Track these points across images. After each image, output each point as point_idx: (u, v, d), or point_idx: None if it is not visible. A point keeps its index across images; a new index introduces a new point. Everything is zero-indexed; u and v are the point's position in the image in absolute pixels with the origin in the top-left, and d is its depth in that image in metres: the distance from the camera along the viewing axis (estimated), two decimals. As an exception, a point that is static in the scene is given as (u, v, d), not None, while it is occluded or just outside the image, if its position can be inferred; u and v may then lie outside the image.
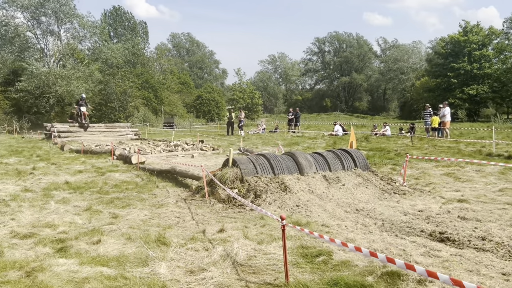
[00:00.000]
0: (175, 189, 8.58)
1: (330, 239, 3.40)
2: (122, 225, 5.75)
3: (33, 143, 20.89)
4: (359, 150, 9.69)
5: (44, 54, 41.58)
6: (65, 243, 4.93)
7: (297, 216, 6.07)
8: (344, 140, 19.23)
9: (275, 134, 27.61)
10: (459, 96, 48.07)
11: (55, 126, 23.27)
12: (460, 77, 49.56)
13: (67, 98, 38.64)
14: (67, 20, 40.59)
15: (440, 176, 9.48)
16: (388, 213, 6.27)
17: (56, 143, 19.82)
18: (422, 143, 17.33)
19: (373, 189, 7.81)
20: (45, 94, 37.74)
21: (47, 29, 41.37)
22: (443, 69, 51.65)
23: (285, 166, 7.90)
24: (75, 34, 42.63)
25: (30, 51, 40.30)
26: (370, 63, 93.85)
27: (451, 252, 4.49)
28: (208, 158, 14.23)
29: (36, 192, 8.26)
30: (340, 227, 5.52)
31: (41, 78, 36.71)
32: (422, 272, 2.62)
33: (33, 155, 15.09)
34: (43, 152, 16.26)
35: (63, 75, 37.85)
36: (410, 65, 77.88)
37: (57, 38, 41.91)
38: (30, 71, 36.53)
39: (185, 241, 4.99)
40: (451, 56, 51.13)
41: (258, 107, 71.92)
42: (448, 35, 53.35)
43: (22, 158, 14.14)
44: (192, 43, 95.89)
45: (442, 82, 51.31)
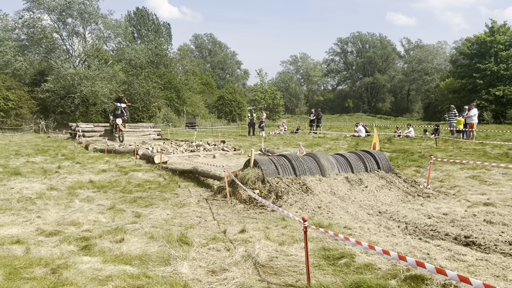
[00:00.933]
0: (197, 189, 8.63)
1: (356, 241, 3.37)
2: (145, 224, 5.81)
3: (58, 142, 21.32)
4: (382, 152, 9.58)
5: (69, 55, 42.41)
6: (89, 241, 5.01)
7: (319, 218, 6.04)
8: (366, 142, 19.04)
9: (296, 135, 27.52)
10: (485, 97, 47.07)
11: (79, 126, 23.70)
12: (486, 78, 48.50)
13: (91, 98, 39.33)
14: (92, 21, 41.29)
15: (465, 178, 9.29)
16: (411, 216, 6.18)
17: (81, 142, 20.18)
18: (447, 145, 17.01)
19: (397, 192, 7.71)
20: (71, 94, 38.46)
21: (73, 30, 42.16)
22: (468, 69, 50.66)
23: (307, 167, 7.86)
24: (100, 34, 43.30)
25: (56, 52, 41.13)
26: (393, 63, 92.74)
27: (477, 256, 4.39)
28: (230, 158, 14.27)
29: (61, 191, 8.42)
30: (363, 230, 5.46)
31: (67, 78, 37.43)
32: (454, 276, 2.56)
33: (58, 154, 15.40)
34: (68, 151, 16.58)
35: (88, 76, 38.53)
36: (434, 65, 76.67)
37: (82, 39, 42.68)
38: (57, 71, 37.28)
39: (207, 241, 5.01)
40: (477, 56, 50.10)
41: (279, 107, 71.91)
42: (474, 35, 52.31)
43: (48, 157, 14.44)
44: (214, 44, 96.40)
45: (467, 83, 50.32)
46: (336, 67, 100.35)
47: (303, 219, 3.68)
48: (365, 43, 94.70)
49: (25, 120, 36.20)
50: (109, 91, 39.68)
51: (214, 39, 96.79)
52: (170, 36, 69.60)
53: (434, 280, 3.61)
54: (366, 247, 3.29)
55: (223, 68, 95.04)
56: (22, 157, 14.24)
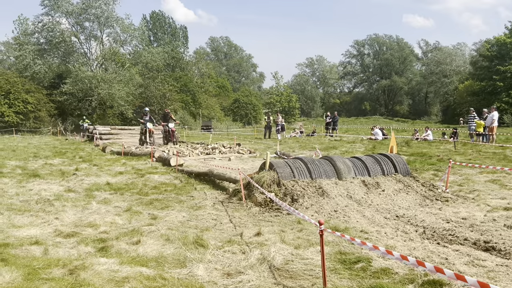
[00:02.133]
0: (212, 192, 8.67)
1: (373, 246, 3.35)
2: (161, 226, 5.86)
3: (76, 145, 21.64)
4: (399, 155, 9.50)
5: (87, 58, 43.05)
6: (106, 243, 5.07)
7: (335, 222, 6.01)
8: (383, 145, 18.88)
9: (312, 138, 27.42)
10: (505, 100, 46.17)
11: (97, 129, 24.01)
12: (506, 80, 47.61)
13: (108, 101, 39.86)
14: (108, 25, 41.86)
15: (485, 183, 9.15)
16: (429, 220, 6.11)
17: (98, 145, 20.44)
18: (466, 148, 16.77)
19: (414, 195, 7.64)
20: (88, 97, 39.05)
21: (90, 34, 42.84)
22: (488, 72, 49.80)
23: (323, 171, 7.84)
24: (117, 38, 43.88)
25: (74, 55, 41.84)
26: (411, 66, 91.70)
27: (497, 262, 4.32)
28: (245, 161, 14.30)
29: (78, 193, 8.55)
30: (380, 234, 5.42)
31: (85, 81, 38.01)
32: (473, 283, 2.52)
33: (76, 156, 15.63)
34: (86, 153, 16.82)
35: (105, 79, 39.07)
36: (453, 68, 75.48)
37: (100, 43, 43.29)
38: (75, 74, 37.88)
39: (223, 244, 5.03)
40: (497, 58, 49.26)
41: (295, 110, 71.76)
42: (493, 37, 51.49)
43: (66, 159, 14.67)
44: (230, 46, 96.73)
45: (487, 85, 49.47)
46: (352, 70, 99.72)
47: (319, 222, 3.67)
48: (382, 45, 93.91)
49: (43, 123, 36.85)
50: (126, 94, 40.15)
51: (230, 42, 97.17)
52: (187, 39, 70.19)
53: (452, 286, 3.57)
54: (383, 252, 3.27)
55: (238, 71, 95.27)
56: (41, 159, 14.49)
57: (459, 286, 3.53)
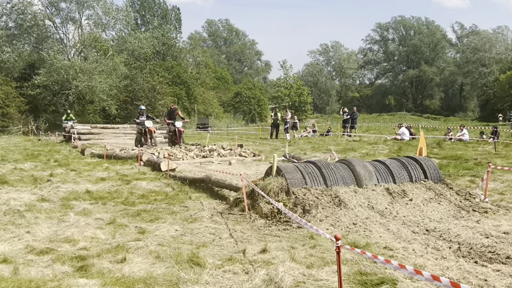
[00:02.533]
0: (210, 201, 8.69)
1: (399, 264, 3.34)
2: (150, 242, 5.87)
3: (50, 146, 21.71)
4: (430, 158, 9.49)
5: (63, 45, 43.07)
6: (86, 261, 5.08)
7: (354, 236, 6.01)
8: (411, 146, 18.85)
9: (327, 138, 27.43)
10: (556, 93, 46.17)
11: (75, 127, 24.05)
12: (556, 69, 47.62)
13: (88, 95, 39.69)
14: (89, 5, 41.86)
15: (532, 191, 9.13)
16: (465, 234, 6.10)
17: (76, 146, 20.50)
18: (508, 150, 16.73)
19: (447, 206, 7.63)
20: (64, 91, 38.97)
21: (67, 17, 42.84)
22: (535, 60, 49.82)
23: (340, 176, 7.84)
24: (98, 21, 43.87)
25: (49, 41, 41.79)
26: (443, 53, 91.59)
27: (546, 284, 4.31)
28: (248, 165, 14.31)
29: (54, 202, 8.57)
30: (407, 251, 5.42)
31: (61, 72, 37.90)
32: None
33: (50, 159, 15.68)
34: (62, 156, 16.88)
35: (84, 69, 38.94)
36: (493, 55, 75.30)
37: (78, 27, 43.35)
38: (50, 64, 37.80)
39: (222, 262, 5.04)
40: (545, 44, 49.25)
41: (307, 105, 71.82)
42: (541, 19, 51.45)
43: (39, 163, 14.71)
44: (231, 31, 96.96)
45: (534, 76, 49.46)
46: (374, 58, 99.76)
47: (336, 237, 3.67)
48: (409, 29, 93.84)
49: (12, 121, 36.78)
50: (109, 86, 40.09)
51: (230, 25, 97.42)
52: (180, 22, 70.42)
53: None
54: (411, 271, 3.26)
55: (240, 59, 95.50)
56: (9, 163, 14.54)
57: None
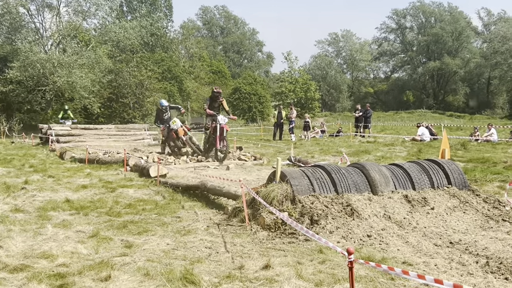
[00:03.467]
0: (205, 211, 8.68)
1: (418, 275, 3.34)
2: (137, 257, 5.86)
3: (25, 150, 21.70)
4: (453, 162, 9.50)
5: (40, 35, 42.94)
6: (65, 279, 5.07)
7: (369, 250, 6.01)
8: (432, 148, 18.86)
9: (337, 138, 27.45)
10: None
11: (52, 128, 24.00)
12: None
13: (67, 91, 39.53)
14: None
15: None
16: (494, 247, 6.10)
17: (54, 149, 20.49)
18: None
19: (474, 215, 7.63)
20: (41, 87, 38.80)
21: (43, 3, 42.69)
22: None
23: (352, 183, 7.84)
24: (78, 8, 43.77)
25: (23, 31, 41.59)
26: (468, 43, 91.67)
27: None
28: (249, 170, 14.31)
29: (29, 213, 8.55)
30: (428, 266, 5.42)
31: (36, 66, 37.74)
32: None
33: (25, 164, 15.66)
34: (38, 161, 16.86)
35: (63, 62, 38.75)
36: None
37: (56, 14, 43.25)
38: (24, 56, 37.66)
39: (219, 280, 5.03)
40: None
41: (314, 102, 71.86)
42: None
43: (12, 168, 14.70)
44: (228, 19, 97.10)
45: None
46: (390, 48, 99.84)
47: (348, 251, 3.67)
48: (429, 16, 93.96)
49: (-19, 121, 36.75)
50: (91, 82, 39.97)
51: (228, 13, 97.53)
52: (171, 9, 70.52)
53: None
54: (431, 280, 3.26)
55: (239, 51, 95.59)
56: (-21, 169, 14.53)
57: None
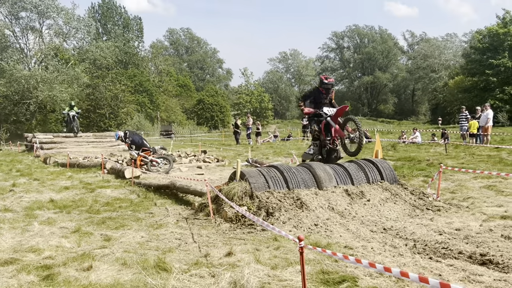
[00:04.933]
0: (175, 207, 8.63)
1: (356, 259, 3.41)
2: (116, 249, 5.79)
3: (12, 156, 21.11)
4: (385, 160, 9.68)
5: (24, 55, 41.92)
6: (51, 270, 4.97)
7: (316, 237, 6.08)
8: (367, 149, 19.17)
9: (288, 142, 27.62)
10: (499, 97, 47.50)
11: (37, 137, 23.48)
12: (500, 75, 49.10)
13: (49, 104, 38.79)
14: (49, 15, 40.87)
15: (480, 189, 9.42)
16: (420, 232, 6.25)
17: (39, 155, 20.00)
18: (458, 151, 17.24)
19: (403, 205, 7.80)
20: (25, 100, 37.97)
21: (27, 26, 41.68)
22: (480, 66, 51.10)
23: (301, 180, 7.91)
24: (59, 31, 42.93)
25: (8, 51, 40.56)
26: (396, 60, 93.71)
27: (495, 276, 4.47)
28: (212, 171, 14.29)
29: (17, 212, 8.35)
30: (366, 249, 5.52)
31: (21, 82, 36.91)
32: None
33: (12, 169, 15.26)
34: (24, 166, 16.43)
35: (45, 79, 38.01)
36: (442, 62, 77.57)
37: (39, 36, 42.29)
38: (9, 74, 36.79)
39: (188, 267, 5.01)
40: (489, 51, 50.65)
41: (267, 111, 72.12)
42: (485, 27, 53.16)
43: (0, 173, 14.29)
44: (192, 40, 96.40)
45: (479, 81, 50.81)
46: (331, 65, 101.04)
47: (299, 238, 3.70)
48: (363, 37, 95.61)
49: (-30, 131, 35.63)
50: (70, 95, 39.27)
51: (192, 34, 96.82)
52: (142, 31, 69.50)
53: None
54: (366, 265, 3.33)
55: (202, 67, 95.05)
56: (-30, 174, 14.06)
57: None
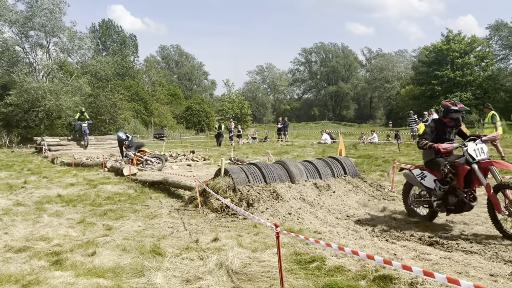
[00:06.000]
0: (168, 200, 8.58)
1: (326, 244, 3.45)
2: (116, 237, 5.73)
3: (23, 157, 20.69)
4: (348, 158, 9.79)
5: (33, 68, 41.26)
6: (60, 256, 4.91)
7: (290, 224, 6.11)
8: (333, 148, 19.34)
9: (265, 143, 27.67)
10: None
11: (45, 140, 23.10)
12: (444, 84, 50.13)
13: (55, 112, 38.37)
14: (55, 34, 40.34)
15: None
16: (378, 219, 6.34)
17: (47, 156, 19.65)
18: (409, 149, 17.49)
19: (363, 196, 7.90)
20: (35, 108, 37.40)
21: (36, 43, 41.03)
22: (427, 77, 52.13)
23: (277, 175, 7.95)
24: (64, 47, 42.37)
25: (19, 65, 39.89)
26: (356, 72, 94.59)
27: (441, 255, 4.56)
28: (200, 168, 14.23)
29: (28, 206, 8.20)
30: (332, 234, 5.57)
31: (31, 92, 36.39)
32: (419, 272, 2.68)
33: (24, 169, 14.96)
34: (34, 165, 16.12)
35: (52, 90, 37.55)
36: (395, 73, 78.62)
37: (46, 52, 41.65)
38: (20, 85, 36.24)
39: (180, 251, 4.99)
40: (434, 64, 51.68)
41: (247, 117, 72.05)
42: (431, 44, 54.15)
43: (13, 172, 14.00)
44: (181, 55, 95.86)
45: (426, 89, 51.79)
46: (301, 77, 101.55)
47: (275, 225, 3.73)
48: (328, 52, 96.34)
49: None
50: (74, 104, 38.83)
51: (181, 50, 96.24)
52: (137, 47, 68.85)
53: (401, 279, 3.73)
54: (336, 248, 3.38)
55: (190, 79, 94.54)
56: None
57: (408, 279, 3.69)
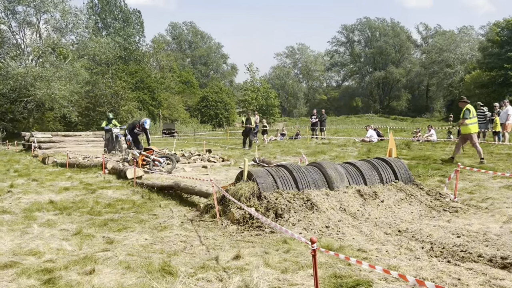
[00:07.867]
0: (179, 208, 8.64)
1: (369, 265, 3.41)
2: (119, 252, 5.80)
3: (9, 156, 21.21)
4: (399, 159, 9.66)
5: (20, 51, 42.00)
6: (52, 274, 4.99)
7: (328, 239, 6.07)
8: (380, 148, 19.14)
9: (296, 141, 27.61)
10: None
11: (35, 136, 23.56)
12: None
13: (47, 102, 38.82)
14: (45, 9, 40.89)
15: (499, 189, 9.38)
16: (437, 234, 6.23)
17: (37, 155, 20.08)
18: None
19: (418, 206, 7.78)
20: (22, 98, 38.05)
21: (24, 20, 41.74)
22: (498, 60, 50.80)
23: (311, 180, 7.90)
24: (57, 25, 42.99)
25: (5, 47, 40.77)
26: (409, 54, 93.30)
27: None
28: (218, 171, 14.30)
29: (15, 214, 8.38)
30: (380, 252, 5.51)
31: (18, 79, 36.94)
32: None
33: (10, 170, 15.31)
34: (22, 166, 16.50)
35: (42, 76, 38.00)
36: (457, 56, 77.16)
37: (36, 31, 42.40)
38: (6, 71, 36.86)
39: (195, 270, 5.02)
40: (508, 44, 50.37)
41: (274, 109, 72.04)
42: (503, 19, 52.85)
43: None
44: (196, 34, 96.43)
45: (497, 75, 50.58)
46: (341, 60, 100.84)
47: (311, 241, 3.71)
48: (374, 30, 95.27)
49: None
50: (69, 92, 39.34)
51: (195, 28, 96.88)
52: (142, 26, 69.65)
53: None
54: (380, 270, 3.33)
55: (206, 63, 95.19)
56: (-34, 174, 14.14)
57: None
